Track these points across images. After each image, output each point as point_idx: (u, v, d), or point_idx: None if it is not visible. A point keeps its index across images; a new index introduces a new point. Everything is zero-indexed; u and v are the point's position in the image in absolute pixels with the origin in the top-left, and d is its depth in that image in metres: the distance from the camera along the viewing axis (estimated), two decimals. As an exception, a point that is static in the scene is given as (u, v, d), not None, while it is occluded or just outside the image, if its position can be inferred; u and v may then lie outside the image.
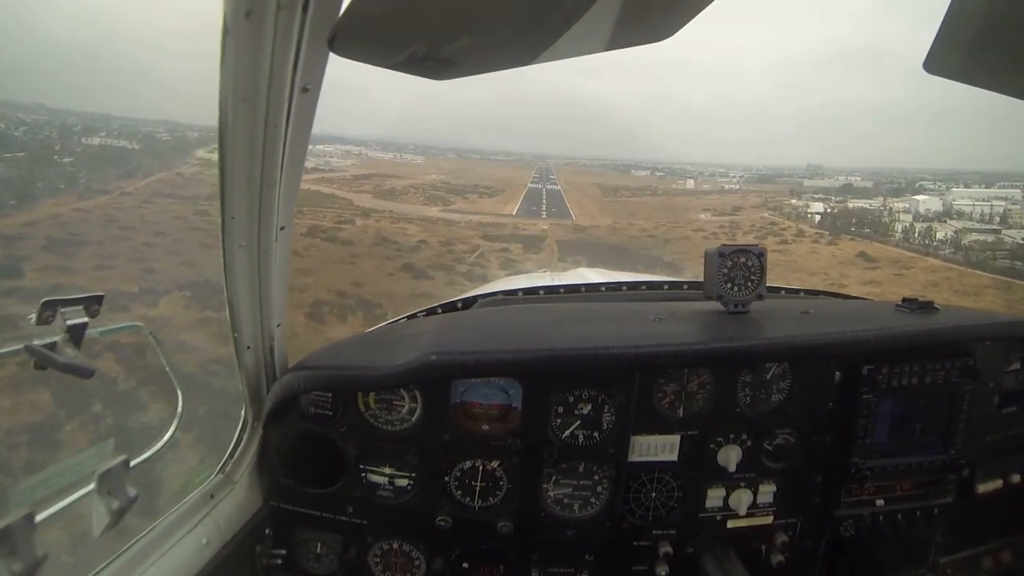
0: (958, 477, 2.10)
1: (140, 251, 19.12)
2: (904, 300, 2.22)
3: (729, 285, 2.08)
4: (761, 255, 2.06)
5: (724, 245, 2.05)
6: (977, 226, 35.40)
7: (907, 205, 40.09)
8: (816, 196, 46.55)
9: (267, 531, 1.96)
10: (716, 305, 2.10)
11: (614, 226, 42.14)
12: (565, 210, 47.63)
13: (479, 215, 42.38)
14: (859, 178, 46.63)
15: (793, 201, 47.79)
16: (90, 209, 22.92)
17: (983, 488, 2.14)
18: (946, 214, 37.49)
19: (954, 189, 39.21)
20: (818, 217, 43.39)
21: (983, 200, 37.05)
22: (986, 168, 41.60)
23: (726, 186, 53.51)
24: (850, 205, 43.69)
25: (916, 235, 35.81)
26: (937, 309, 2.16)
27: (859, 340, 1.92)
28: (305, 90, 1.30)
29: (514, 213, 44.49)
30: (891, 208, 40.37)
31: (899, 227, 37.40)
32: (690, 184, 55.20)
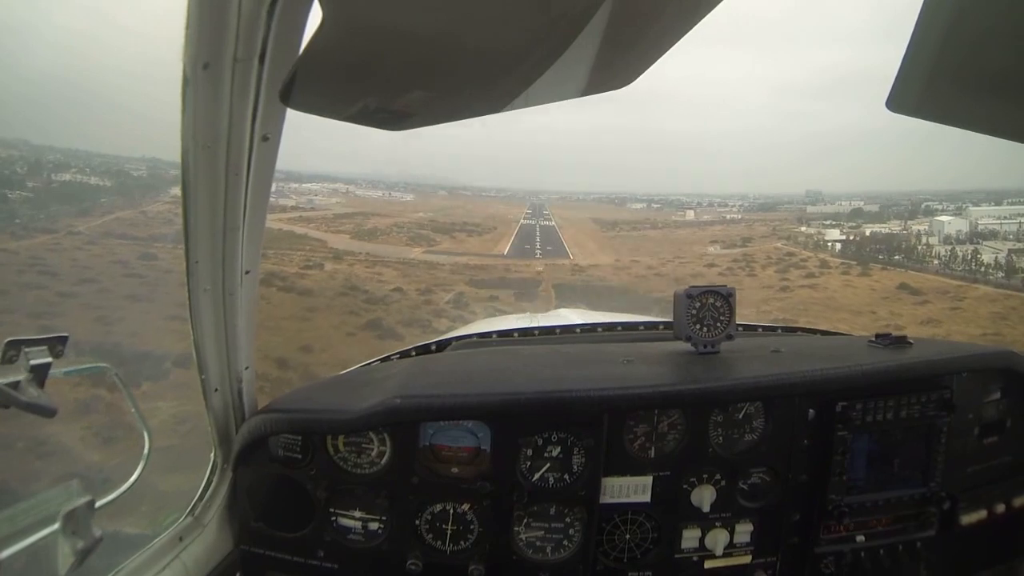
0: (939, 510, 2.12)
1: (47, 303, 17.59)
2: (877, 335, 2.27)
3: (698, 326, 2.15)
4: (730, 295, 2.14)
5: (692, 287, 2.13)
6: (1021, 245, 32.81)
7: (927, 227, 38.83)
8: (826, 223, 45.18)
9: (237, 575, 1.96)
10: (686, 346, 2.16)
11: (617, 264, 39.13)
12: (561, 248, 45.31)
13: (466, 256, 40.77)
14: (862, 202, 46.06)
15: (804, 229, 46.00)
16: (17, 251, 21.61)
17: (967, 519, 2.16)
18: (977, 235, 35.89)
19: (971, 208, 38.17)
20: (839, 245, 41.24)
21: (1008, 218, 35.92)
22: (989, 186, 40.99)
23: (727, 216, 52.35)
24: (867, 231, 42.01)
25: (957, 260, 33.52)
26: (911, 344, 2.22)
27: (828, 378, 1.97)
28: (265, 139, 1.36)
29: (505, 253, 42.02)
30: (916, 232, 38.96)
31: (935, 251, 35.13)
32: (690, 215, 53.96)
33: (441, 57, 1.08)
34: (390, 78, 1.10)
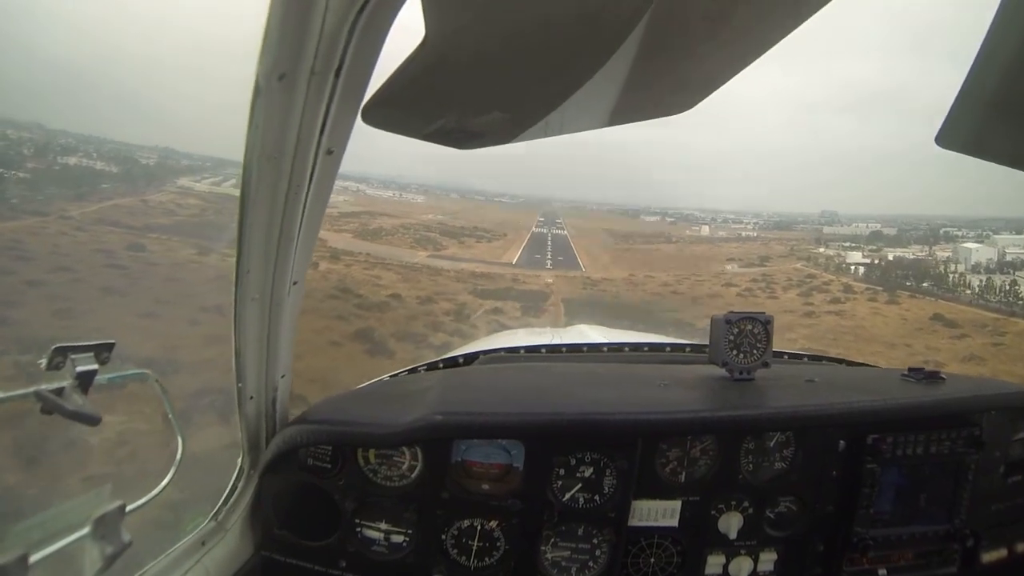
0: (962, 547, 2.12)
1: (9, 290, 16.54)
2: (910, 369, 2.29)
3: (735, 352, 2.17)
4: (768, 323, 2.17)
5: (731, 312, 2.16)
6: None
7: (951, 254, 38.24)
8: (845, 244, 44.64)
9: None
10: (721, 371, 2.20)
11: (630, 279, 37.62)
12: (573, 259, 44.14)
13: (472, 263, 39.29)
14: (879, 225, 45.83)
15: (822, 250, 45.15)
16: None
17: (988, 557, 2.15)
18: (1006, 264, 35.16)
19: (994, 236, 37.79)
20: (861, 269, 40.31)
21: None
22: (1008, 215, 40.46)
23: (743, 232, 51.98)
24: (889, 255, 41.23)
25: (992, 290, 32.63)
26: (943, 379, 2.23)
27: (865, 411, 1.99)
28: (330, 152, 1.37)
29: (514, 262, 40.93)
30: (941, 258, 38.37)
31: (966, 280, 34.19)
32: (705, 230, 53.56)
33: (524, 78, 1.12)
34: (476, 99, 1.15)
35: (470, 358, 2.72)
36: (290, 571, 1.99)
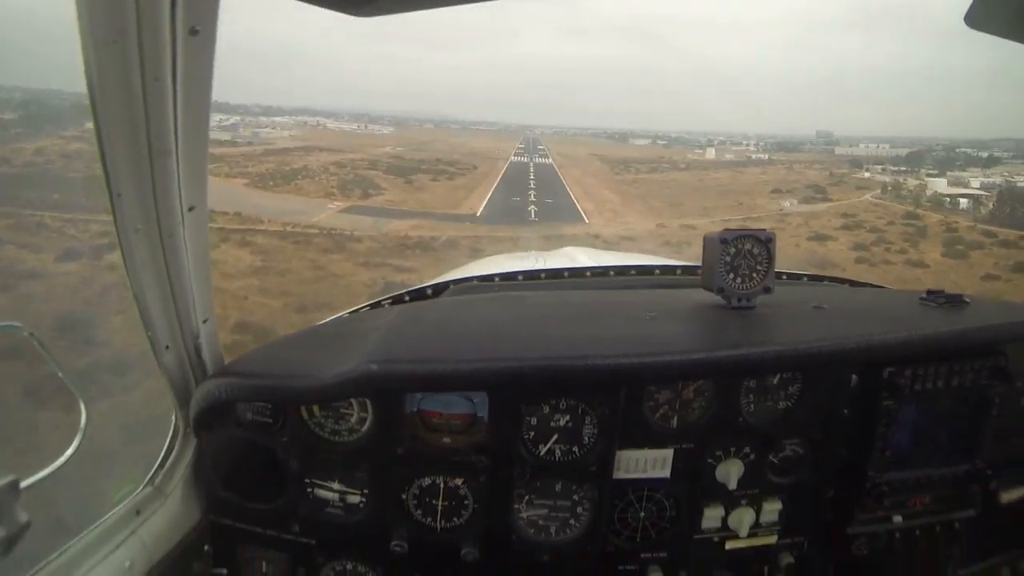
0: (983, 489, 2.01)
1: None
2: (929, 292, 2.09)
3: (732, 276, 1.94)
4: (769, 241, 1.94)
5: (726, 230, 1.95)
6: None
7: None
8: (892, 168, 37.98)
9: (206, 547, 1.84)
10: (716, 299, 1.98)
11: (663, 234, 23.63)
12: (568, 202, 30.87)
13: (408, 219, 26.54)
14: (888, 146, 42.09)
15: (876, 176, 37.20)
16: None
17: (1007, 497, 2.03)
18: None
19: None
20: (963, 202, 30.62)
21: None
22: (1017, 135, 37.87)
23: (752, 155, 46.49)
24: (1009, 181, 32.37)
25: None
26: (967, 302, 2.05)
27: (886, 344, 1.77)
28: (194, 32, 1.14)
29: (478, 213, 26.23)
30: None
31: None
32: (711, 153, 47.93)
33: None
34: None
35: (439, 288, 2.46)
36: (241, 535, 1.85)
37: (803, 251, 21.16)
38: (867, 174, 39.07)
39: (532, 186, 35.75)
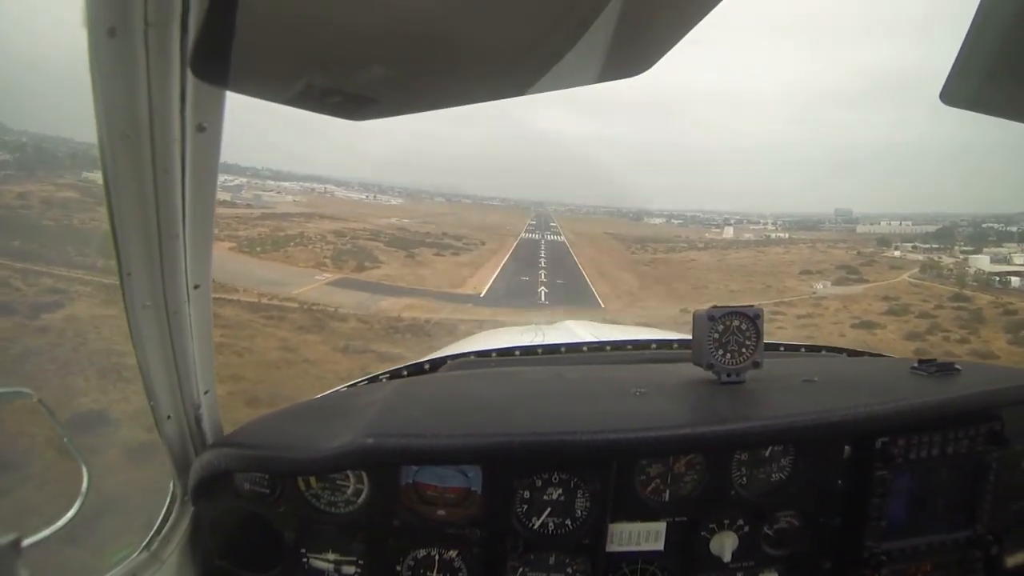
0: (985, 554, 1.98)
1: None
2: (920, 361, 2.12)
3: (721, 352, 1.98)
4: (756, 317, 1.99)
5: (714, 307, 2.01)
6: None
7: None
8: (913, 247, 37.35)
9: None
10: (707, 374, 2.03)
11: (685, 319, 19.97)
12: (580, 283, 30.60)
13: (403, 296, 24.71)
14: (911, 223, 41.16)
15: (907, 255, 35.82)
16: None
17: (1012, 561, 2.01)
18: None
19: None
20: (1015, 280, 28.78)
21: None
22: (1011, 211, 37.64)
23: (771, 235, 46.48)
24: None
25: None
26: (958, 370, 2.07)
27: (872, 416, 1.79)
28: (201, 129, 1.20)
29: (483, 294, 27.43)
30: None
31: None
32: (728, 232, 47.75)
33: (404, 16, 0.91)
34: (337, 48, 0.94)
35: (437, 364, 2.53)
36: None
37: (849, 342, 18.60)
38: (897, 252, 37.90)
39: (543, 264, 33.82)
